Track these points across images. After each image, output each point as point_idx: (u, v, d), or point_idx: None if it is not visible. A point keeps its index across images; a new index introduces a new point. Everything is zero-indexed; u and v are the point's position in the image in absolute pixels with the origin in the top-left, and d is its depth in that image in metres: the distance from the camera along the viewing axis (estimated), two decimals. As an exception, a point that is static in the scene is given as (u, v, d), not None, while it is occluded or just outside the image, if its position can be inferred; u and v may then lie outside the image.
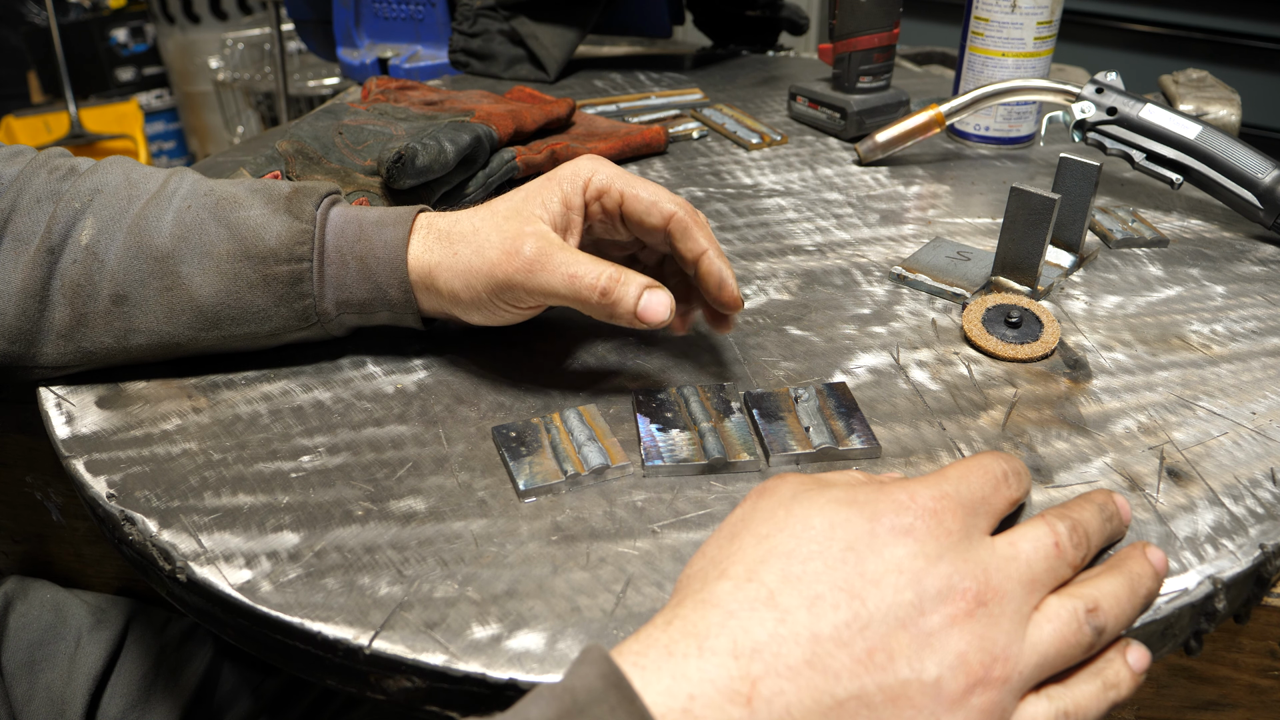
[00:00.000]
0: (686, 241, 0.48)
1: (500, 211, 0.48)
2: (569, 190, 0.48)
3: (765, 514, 0.35)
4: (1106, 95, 0.68)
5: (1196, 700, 0.48)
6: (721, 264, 0.48)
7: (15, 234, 0.48)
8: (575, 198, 0.48)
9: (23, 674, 0.59)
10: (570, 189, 0.48)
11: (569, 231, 0.48)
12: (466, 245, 0.47)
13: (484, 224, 0.48)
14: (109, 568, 0.68)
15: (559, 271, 0.45)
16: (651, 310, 0.45)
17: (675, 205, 0.48)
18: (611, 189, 0.48)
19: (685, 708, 0.29)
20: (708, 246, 0.48)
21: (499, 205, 0.49)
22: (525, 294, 0.46)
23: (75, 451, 0.46)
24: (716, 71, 1.06)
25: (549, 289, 0.45)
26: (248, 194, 0.50)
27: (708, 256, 0.48)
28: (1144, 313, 0.57)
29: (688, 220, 0.48)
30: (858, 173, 0.78)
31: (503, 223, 0.47)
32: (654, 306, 0.45)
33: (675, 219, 0.48)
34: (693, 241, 0.48)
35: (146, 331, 0.48)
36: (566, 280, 0.45)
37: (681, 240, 0.48)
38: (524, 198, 0.48)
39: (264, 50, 2.34)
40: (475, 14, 1.01)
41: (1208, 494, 0.43)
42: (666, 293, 0.46)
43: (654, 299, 0.45)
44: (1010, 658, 0.32)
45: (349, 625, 0.37)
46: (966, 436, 0.47)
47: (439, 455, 0.45)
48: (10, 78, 2.63)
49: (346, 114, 0.74)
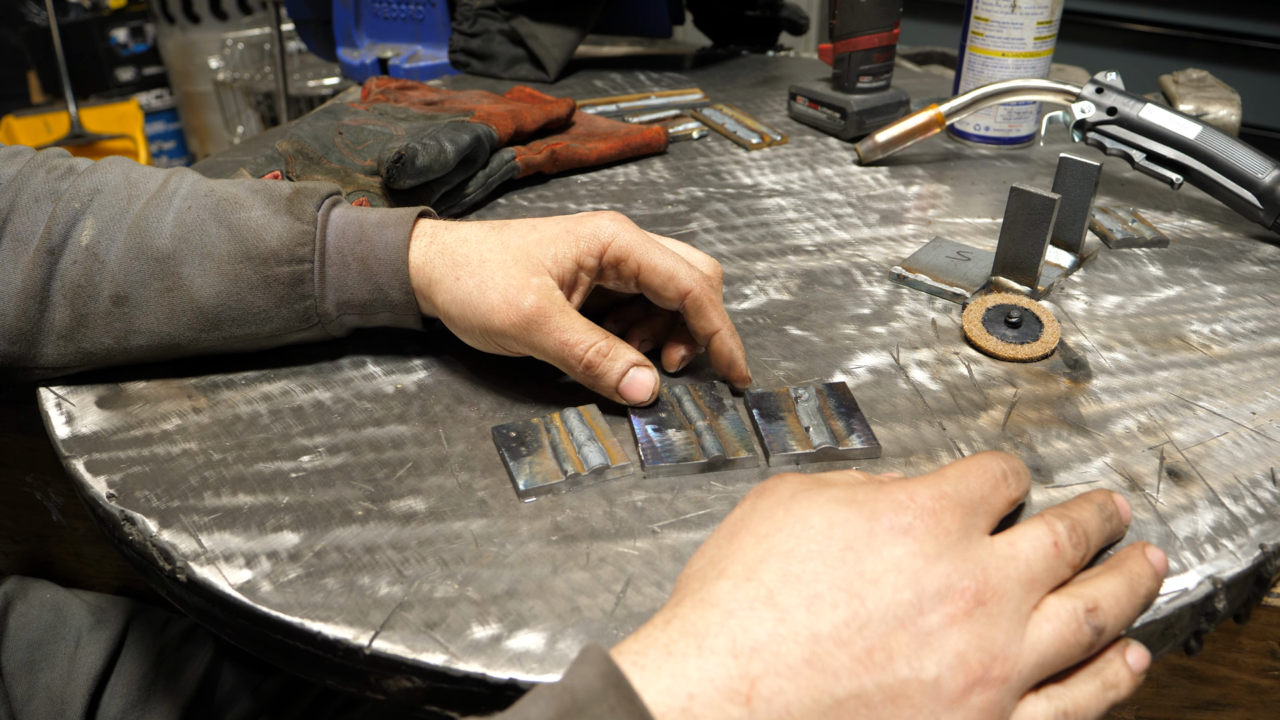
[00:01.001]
0: (700, 320, 0.48)
1: (510, 249, 0.47)
2: (584, 250, 0.47)
3: (764, 514, 0.35)
4: (1106, 95, 0.68)
5: (1196, 700, 0.48)
6: (733, 344, 0.48)
7: (14, 234, 0.48)
8: (589, 260, 0.47)
9: (23, 674, 0.59)
10: (586, 249, 0.47)
11: (575, 289, 0.48)
12: (470, 276, 0.47)
13: (491, 258, 0.47)
14: (109, 568, 0.68)
15: (552, 336, 0.45)
16: (633, 390, 0.46)
17: (692, 283, 0.47)
18: (629, 259, 0.47)
19: (685, 707, 0.29)
20: (720, 326, 0.48)
21: (510, 239, 0.48)
22: (516, 345, 0.47)
23: (75, 451, 0.46)
24: (716, 71, 1.06)
25: (540, 348, 0.46)
26: (248, 195, 0.50)
27: (719, 337, 0.48)
28: (1144, 313, 0.57)
29: (703, 300, 0.47)
30: (858, 173, 0.78)
31: (510, 265, 0.46)
32: (635, 387, 0.46)
33: (690, 297, 0.47)
34: (706, 321, 0.48)
35: (147, 332, 0.48)
36: (558, 346, 0.45)
37: (695, 318, 0.48)
38: (537, 242, 0.47)
39: (264, 50, 2.34)
40: (475, 14, 1.01)
41: (1208, 494, 0.43)
42: (653, 374, 0.47)
43: (637, 379, 0.46)
44: (1009, 657, 0.32)
45: (349, 625, 0.37)
46: (966, 436, 0.47)
47: (439, 455, 0.45)
48: (10, 78, 2.63)
49: (346, 114, 0.74)
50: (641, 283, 0.48)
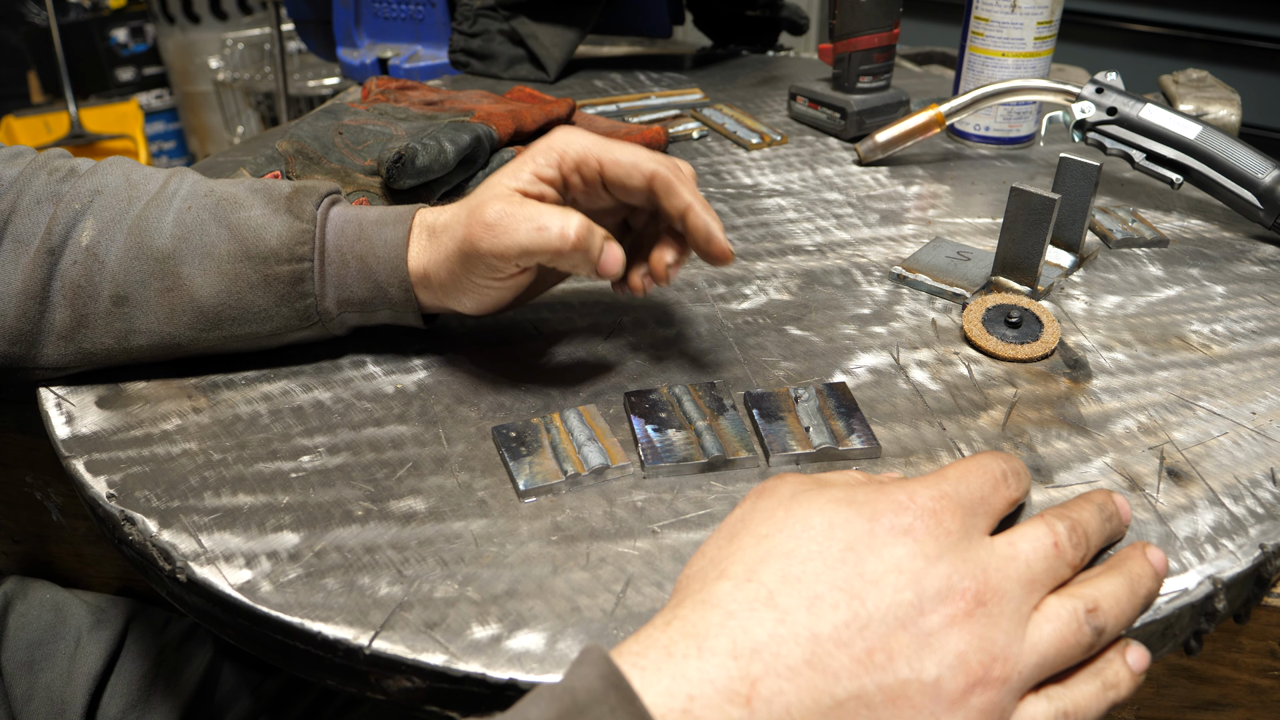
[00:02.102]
0: (671, 199, 0.47)
1: (477, 193, 0.48)
2: (542, 163, 0.47)
3: (764, 514, 0.35)
4: (1106, 95, 0.68)
5: (1196, 700, 0.48)
6: (708, 217, 0.47)
7: (15, 235, 0.48)
8: (549, 170, 0.47)
9: (23, 674, 0.59)
10: (544, 161, 0.47)
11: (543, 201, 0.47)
12: (447, 233, 0.48)
13: (460, 208, 0.48)
14: (109, 568, 0.68)
15: (524, 226, 0.44)
16: (609, 261, 0.46)
17: (656, 164, 0.47)
18: (588, 158, 0.47)
19: (685, 708, 0.29)
20: (692, 201, 0.47)
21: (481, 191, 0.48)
22: (495, 259, 0.45)
23: (75, 451, 0.46)
24: (716, 71, 1.06)
25: (517, 245, 0.45)
26: (248, 194, 0.50)
27: (693, 211, 0.47)
28: (1144, 313, 0.57)
29: (669, 177, 0.47)
30: (858, 173, 0.78)
31: (471, 199, 0.47)
32: (610, 258, 0.46)
33: (657, 177, 0.46)
34: (677, 198, 0.47)
35: (147, 332, 0.48)
36: (534, 233, 0.44)
37: (666, 198, 0.47)
38: (498, 177, 0.47)
39: (264, 50, 2.34)
40: (475, 14, 1.01)
41: (1208, 494, 0.43)
42: (619, 248, 0.46)
43: (611, 252, 0.46)
44: (1009, 658, 0.32)
45: (349, 625, 0.37)
46: (966, 436, 0.47)
47: (439, 455, 0.45)
48: (10, 78, 2.63)
49: (346, 114, 0.74)
50: (607, 179, 0.47)
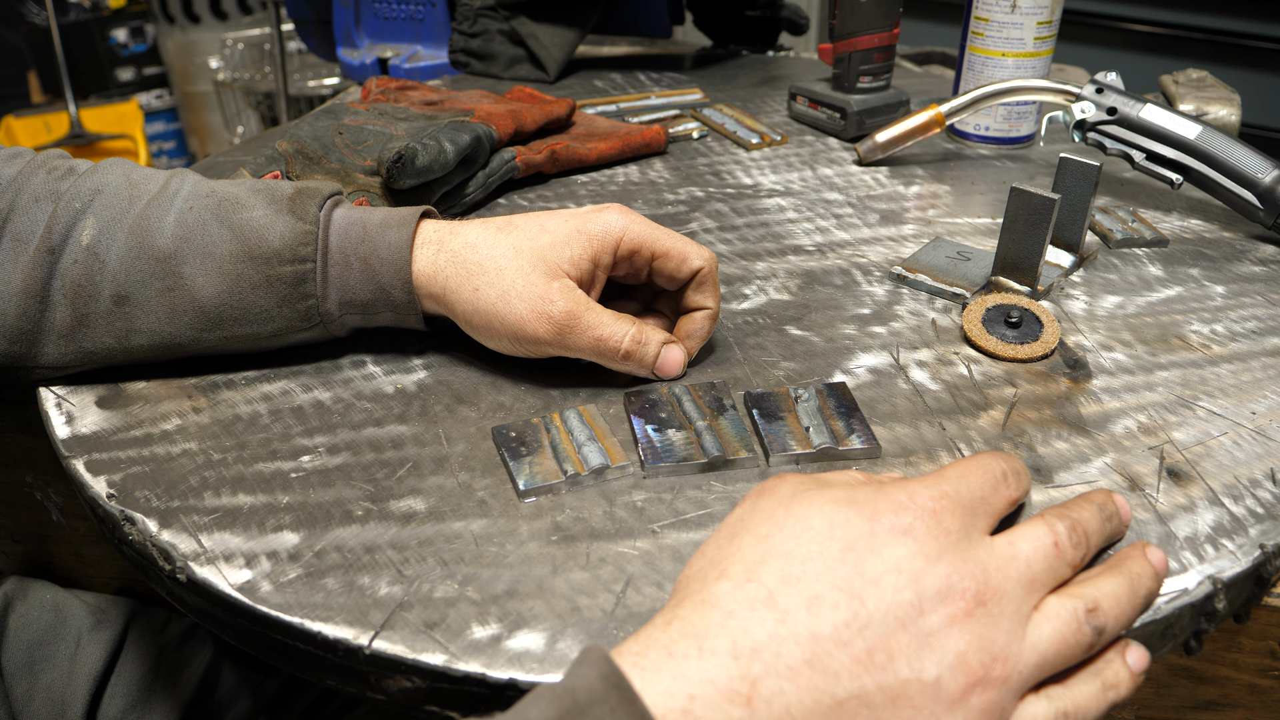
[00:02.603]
0: (699, 295, 0.51)
1: (525, 254, 0.47)
2: (599, 249, 0.49)
3: (764, 514, 0.35)
4: (1106, 95, 0.68)
5: (1196, 700, 0.48)
6: (709, 328, 0.51)
7: (14, 234, 0.48)
8: (605, 256, 0.49)
9: (23, 674, 0.59)
10: (600, 247, 0.49)
11: (593, 286, 0.50)
12: (490, 285, 0.47)
13: (508, 265, 0.47)
14: (109, 568, 0.68)
15: (587, 335, 0.47)
16: (668, 365, 0.49)
17: (703, 260, 0.50)
18: (643, 249, 0.49)
19: (685, 708, 0.29)
20: (714, 306, 0.51)
21: (523, 244, 0.48)
22: (549, 349, 0.48)
23: (75, 451, 0.46)
24: (716, 71, 1.06)
25: (575, 348, 0.48)
26: (250, 195, 0.50)
27: (709, 314, 0.51)
28: (1144, 313, 0.57)
29: (709, 276, 0.50)
30: (858, 173, 0.78)
31: (529, 272, 0.47)
32: (670, 362, 0.49)
33: (702, 274, 0.50)
34: (704, 297, 0.51)
35: (148, 332, 0.48)
36: (593, 343, 0.47)
37: (696, 292, 0.51)
38: (550, 245, 0.48)
39: (264, 50, 2.34)
40: (475, 14, 1.01)
41: (1208, 494, 0.43)
42: (682, 349, 0.50)
43: (671, 355, 0.49)
44: (1010, 657, 0.32)
45: (349, 625, 0.37)
46: (966, 436, 0.47)
47: (439, 455, 0.45)
48: (10, 78, 2.63)
49: (346, 114, 0.74)
50: (655, 269, 0.50)
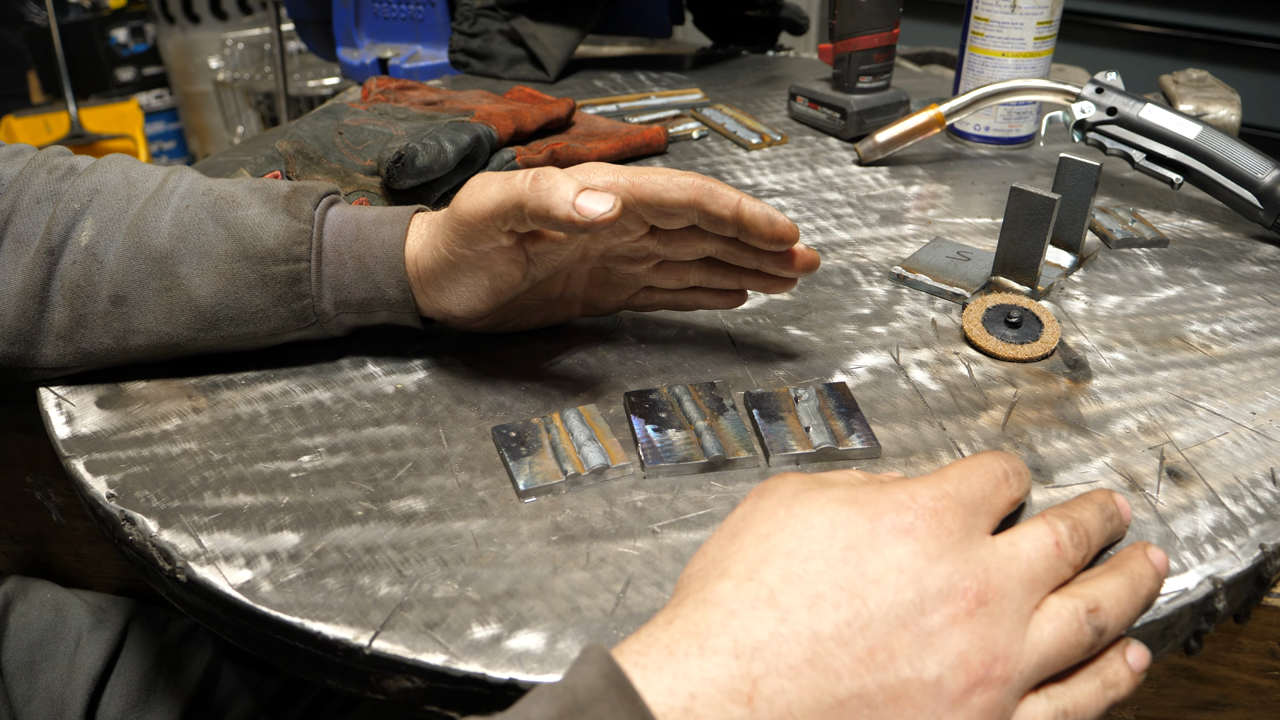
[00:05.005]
0: (716, 201, 0.44)
1: None
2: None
3: (766, 513, 0.35)
4: (1106, 95, 0.68)
5: (1196, 700, 0.47)
6: (759, 206, 0.45)
7: (16, 235, 0.48)
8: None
9: (23, 674, 0.59)
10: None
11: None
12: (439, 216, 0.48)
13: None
14: (109, 568, 0.68)
15: (496, 182, 0.43)
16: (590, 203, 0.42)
17: (690, 175, 0.44)
18: (617, 182, 0.45)
19: (686, 707, 0.29)
20: (740, 195, 0.45)
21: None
22: (471, 228, 0.44)
23: (75, 451, 0.46)
24: (716, 71, 1.06)
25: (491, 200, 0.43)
26: (246, 193, 0.50)
27: (744, 203, 0.44)
28: (1144, 313, 0.57)
29: (707, 183, 0.44)
30: (858, 173, 0.78)
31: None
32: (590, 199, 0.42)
33: (696, 185, 0.44)
34: (724, 198, 0.44)
35: (146, 332, 0.48)
36: (502, 181, 0.43)
37: (711, 202, 0.44)
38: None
39: (264, 50, 2.34)
40: (475, 14, 1.01)
41: (1208, 494, 0.43)
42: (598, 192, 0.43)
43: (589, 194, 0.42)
44: (1011, 657, 0.32)
45: (349, 625, 0.37)
46: (966, 436, 0.47)
47: (439, 455, 0.45)
48: (10, 78, 2.63)
49: (346, 114, 0.74)
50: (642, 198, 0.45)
